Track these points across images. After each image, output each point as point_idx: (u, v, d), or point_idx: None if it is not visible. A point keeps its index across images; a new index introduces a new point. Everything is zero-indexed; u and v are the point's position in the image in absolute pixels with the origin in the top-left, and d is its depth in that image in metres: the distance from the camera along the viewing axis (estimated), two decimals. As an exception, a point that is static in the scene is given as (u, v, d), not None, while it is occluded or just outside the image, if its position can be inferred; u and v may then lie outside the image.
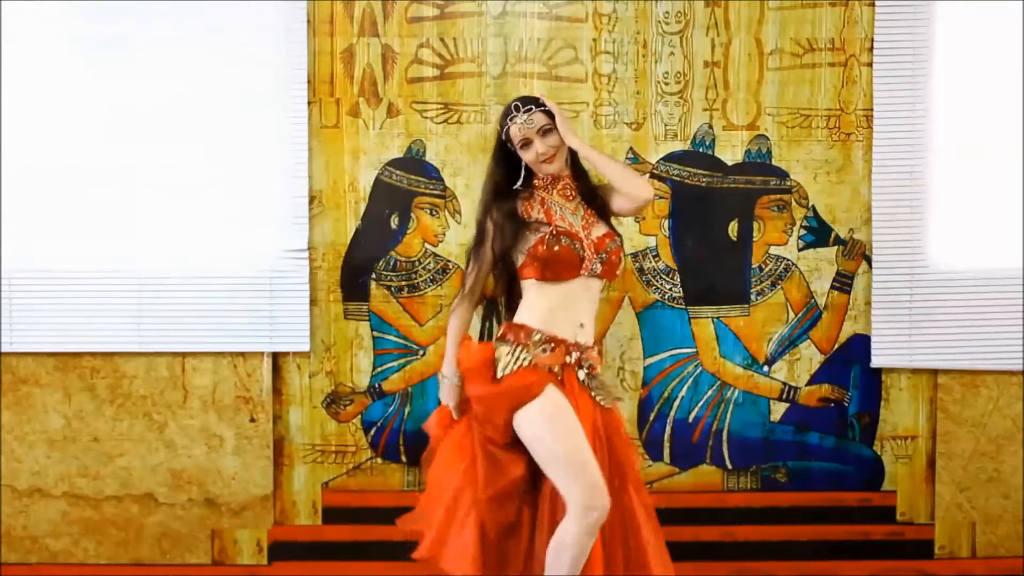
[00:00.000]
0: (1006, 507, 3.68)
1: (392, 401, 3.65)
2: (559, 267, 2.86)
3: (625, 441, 2.97)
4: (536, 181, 2.98)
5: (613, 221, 3.03)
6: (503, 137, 2.97)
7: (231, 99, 3.59)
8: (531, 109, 2.91)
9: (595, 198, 3.00)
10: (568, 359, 2.85)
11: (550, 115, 2.92)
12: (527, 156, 2.93)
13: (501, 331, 2.95)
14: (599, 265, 2.89)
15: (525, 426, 2.79)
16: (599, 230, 2.94)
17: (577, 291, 2.89)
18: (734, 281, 3.65)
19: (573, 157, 2.97)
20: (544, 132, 2.91)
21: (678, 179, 3.63)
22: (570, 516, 2.71)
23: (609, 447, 2.86)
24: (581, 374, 2.86)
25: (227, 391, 3.63)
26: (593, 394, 2.88)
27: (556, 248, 2.85)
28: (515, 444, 2.83)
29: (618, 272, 3.01)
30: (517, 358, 2.83)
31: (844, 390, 3.67)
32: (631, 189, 2.90)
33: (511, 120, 2.92)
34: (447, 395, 2.99)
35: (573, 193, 2.97)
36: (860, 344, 3.66)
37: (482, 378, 2.85)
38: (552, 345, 2.83)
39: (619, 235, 3.01)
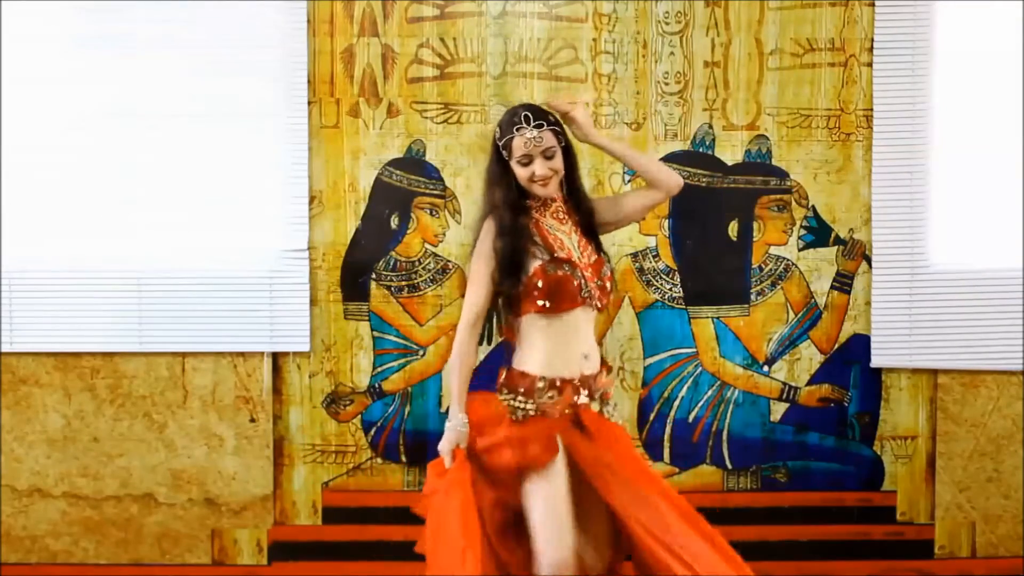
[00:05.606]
0: (1006, 507, 3.68)
1: (392, 401, 3.65)
2: (561, 298, 2.66)
3: (631, 449, 2.83)
4: (528, 201, 2.76)
5: (605, 236, 2.88)
6: (499, 144, 2.74)
7: (231, 99, 3.59)
8: (542, 125, 2.69)
9: (588, 223, 2.80)
10: (577, 399, 2.69)
11: (557, 135, 2.72)
12: (522, 173, 2.70)
13: (503, 378, 2.74)
14: (597, 292, 2.72)
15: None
16: (590, 257, 2.75)
17: (578, 322, 2.70)
18: (734, 281, 3.65)
19: (569, 176, 2.79)
20: (549, 154, 2.70)
21: (678, 179, 3.63)
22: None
23: (622, 464, 2.73)
24: (595, 406, 2.73)
25: (227, 391, 3.63)
26: (608, 416, 2.78)
27: (558, 276, 2.65)
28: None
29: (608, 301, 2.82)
30: (523, 408, 2.67)
31: (844, 390, 3.67)
32: (666, 179, 2.83)
33: (518, 131, 2.67)
34: (452, 442, 2.67)
35: (565, 216, 2.78)
36: (860, 344, 3.66)
37: (493, 430, 2.67)
38: (557, 391, 2.67)
39: (608, 259, 2.83)
